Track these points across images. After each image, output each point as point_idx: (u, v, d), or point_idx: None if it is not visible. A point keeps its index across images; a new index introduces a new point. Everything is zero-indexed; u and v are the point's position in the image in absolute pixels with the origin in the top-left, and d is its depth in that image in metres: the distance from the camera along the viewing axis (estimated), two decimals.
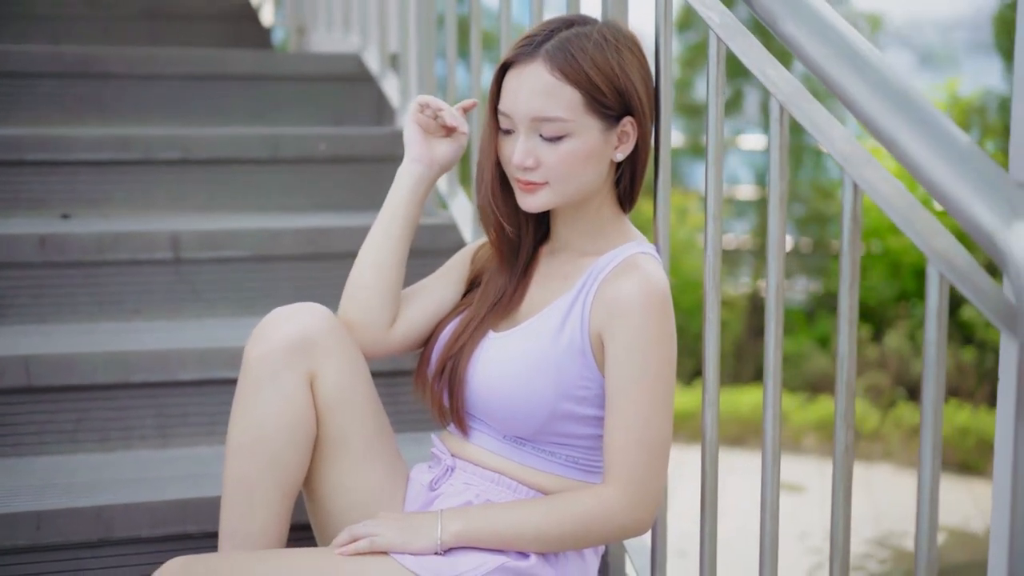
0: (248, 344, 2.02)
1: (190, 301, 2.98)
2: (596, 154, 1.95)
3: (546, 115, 1.91)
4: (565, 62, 1.91)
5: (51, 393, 2.59)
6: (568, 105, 1.91)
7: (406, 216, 2.10)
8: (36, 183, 3.23)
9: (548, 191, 1.96)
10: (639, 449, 1.91)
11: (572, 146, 1.92)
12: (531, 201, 1.97)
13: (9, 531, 2.23)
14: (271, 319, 2.04)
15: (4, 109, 3.53)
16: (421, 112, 2.09)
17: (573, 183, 1.95)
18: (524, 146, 1.94)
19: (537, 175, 1.94)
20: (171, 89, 3.69)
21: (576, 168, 1.94)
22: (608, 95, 1.92)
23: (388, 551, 1.92)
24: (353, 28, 4.08)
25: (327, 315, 2.05)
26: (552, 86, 1.91)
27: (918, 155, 1.54)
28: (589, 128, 1.92)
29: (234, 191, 3.38)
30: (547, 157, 1.93)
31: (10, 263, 2.86)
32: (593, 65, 1.91)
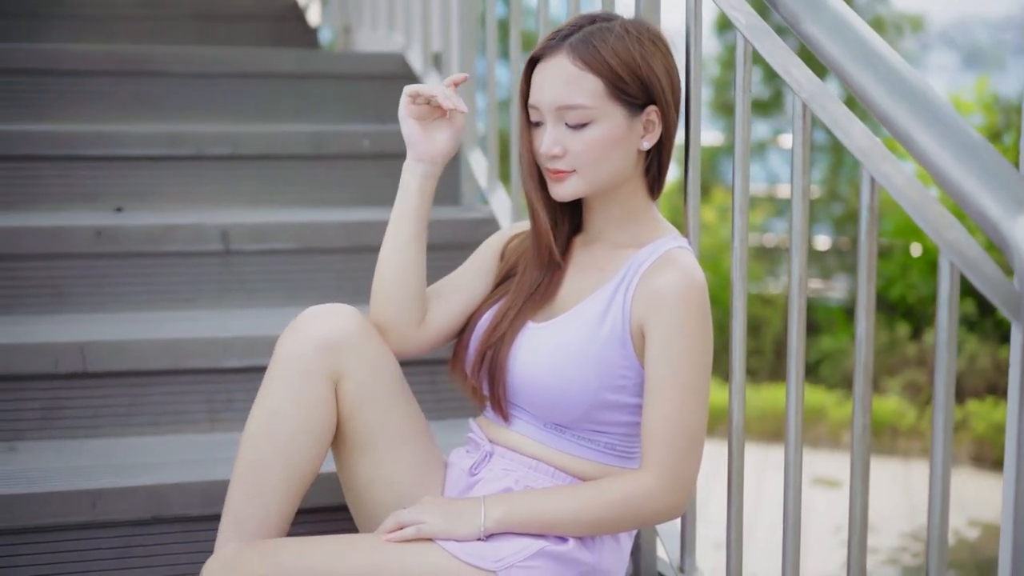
0: (280, 338, 2.09)
1: (237, 291, 3.08)
2: (621, 141, 2.02)
3: (569, 103, 1.99)
4: (587, 52, 1.99)
5: (105, 378, 2.69)
6: (590, 92, 1.98)
7: (419, 216, 2.14)
8: (91, 177, 3.33)
9: (576, 179, 2.03)
10: (675, 436, 1.97)
11: (596, 133, 2.00)
12: (561, 189, 2.04)
13: (66, 508, 2.32)
14: (303, 318, 2.09)
15: (61, 106, 3.63)
16: (413, 103, 2.12)
17: (600, 170, 2.02)
18: (551, 135, 2.01)
19: (564, 163, 2.01)
20: (219, 87, 3.78)
21: (601, 154, 2.01)
22: (630, 83, 1.99)
23: (433, 538, 1.99)
24: (397, 27, 4.17)
25: (356, 317, 2.10)
26: (574, 75, 1.99)
27: (930, 149, 1.62)
28: (612, 115, 2.00)
29: (280, 186, 3.47)
30: (573, 145, 2.00)
31: (68, 254, 2.96)
32: (614, 54, 1.98)
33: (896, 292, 8.29)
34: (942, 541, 1.70)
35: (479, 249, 2.25)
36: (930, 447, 1.71)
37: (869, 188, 1.81)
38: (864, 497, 1.88)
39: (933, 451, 1.71)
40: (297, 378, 2.04)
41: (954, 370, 1.69)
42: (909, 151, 1.65)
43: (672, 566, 2.40)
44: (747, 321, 2.17)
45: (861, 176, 1.82)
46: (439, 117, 2.14)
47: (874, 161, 1.79)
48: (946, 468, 1.71)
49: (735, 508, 2.19)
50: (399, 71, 3.92)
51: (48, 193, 3.30)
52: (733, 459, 2.18)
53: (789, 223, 2.00)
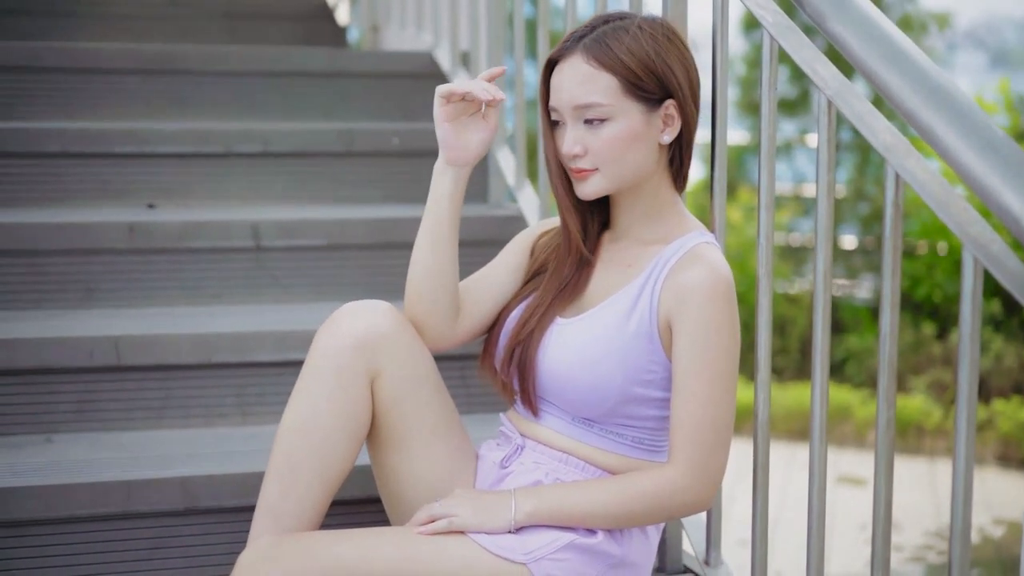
0: (317, 335, 2.11)
1: (268, 286, 3.11)
2: (640, 136, 2.04)
3: (585, 101, 2.01)
4: (600, 51, 2.01)
5: (138, 372, 2.73)
6: (605, 90, 2.01)
7: (451, 215, 2.16)
8: (122, 174, 3.37)
9: (599, 177, 2.05)
10: (703, 429, 2.00)
11: (614, 129, 2.02)
12: (584, 188, 2.07)
13: (101, 499, 2.36)
14: (340, 314, 2.12)
15: (92, 104, 3.68)
16: (448, 103, 2.12)
17: (622, 166, 2.04)
18: (571, 135, 2.04)
19: (586, 162, 2.04)
20: (249, 85, 3.82)
21: (621, 151, 2.03)
22: (645, 79, 2.02)
23: (465, 530, 2.01)
24: (425, 27, 4.20)
25: (393, 314, 2.12)
26: (589, 74, 2.01)
27: (953, 146, 1.64)
28: (629, 111, 2.02)
29: (310, 183, 3.50)
30: (592, 143, 2.03)
31: (101, 249, 3.00)
32: (628, 52, 2.01)
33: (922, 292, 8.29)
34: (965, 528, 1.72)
35: (509, 245, 2.27)
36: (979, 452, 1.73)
37: (894, 184, 1.83)
38: (888, 491, 1.90)
39: (956, 441, 1.73)
40: (334, 375, 2.06)
41: (977, 364, 1.70)
42: (933, 148, 1.68)
43: (698, 559, 2.43)
44: (773, 320, 2.19)
45: (886, 172, 1.84)
46: (473, 114, 2.14)
47: (899, 157, 1.81)
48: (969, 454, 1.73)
49: (760, 500, 2.21)
50: (427, 70, 3.96)
51: (80, 190, 3.34)
52: (759, 451, 2.21)
53: (815, 221, 2.02)
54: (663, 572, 2.48)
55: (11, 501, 2.32)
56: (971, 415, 1.71)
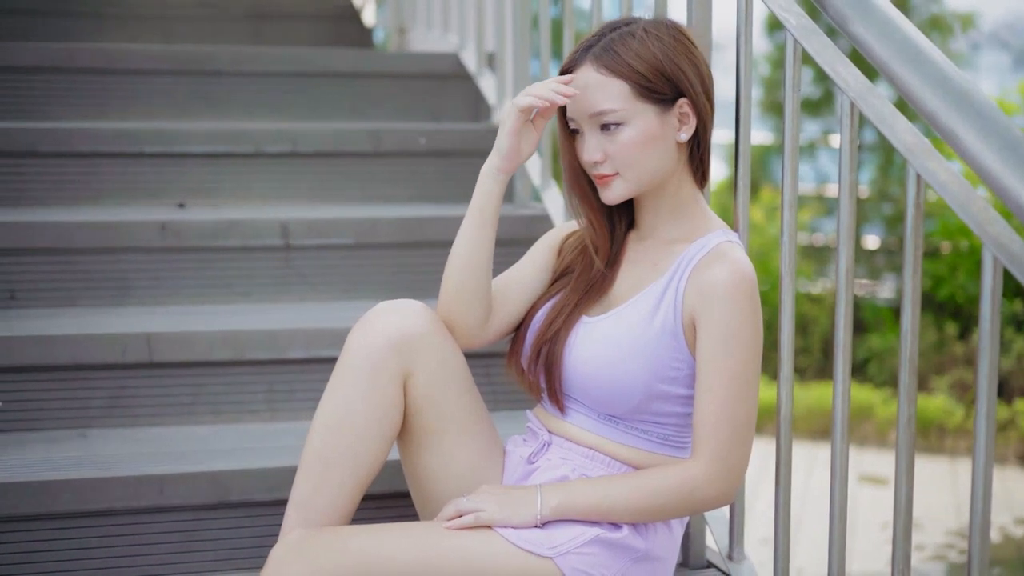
0: (351, 333, 2.14)
1: (296, 285, 3.16)
2: (656, 137, 2.08)
3: (599, 109, 2.05)
4: (609, 59, 2.05)
5: (170, 368, 2.77)
6: (617, 96, 2.05)
7: (494, 218, 2.19)
8: (153, 173, 3.42)
9: (621, 181, 2.09)
10: (725, 425, 2.03)
11: (630, 133, 2.06)
12: (608, 193, 2.11)
13: (135, 493, 2.41)
14: (375, 313, 2.15)
15: (123, 104, 3.73)
16: (523, 114, 2.13)
17: (642, 168, 2.08)
18: (590, 143, 2.08)
19: (607, 167, 2.08)
20: (278, 86, 3.87)
21: (639, 153, 2.07)
22: (655, 80, 2.05)
23: (491, 525, 2.05)
24: (452, 28, 4.24)
25: (426, 314, 2.16)
26: (600, 82, 2.05)
27: (974, 147, 1.67)
28: (643, 113, 2.06)
29: (338, 182, 3.54)
30: (611, 148, 2.07)
31: (134, 248, 3.05)
32: (636, 56, 2.05)
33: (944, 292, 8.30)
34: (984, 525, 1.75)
35: (537, 245, 2.31)
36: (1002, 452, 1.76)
37: (915, 185, 1.86)
38: (909, 486, 1.94)
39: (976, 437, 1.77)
40: (367, 374, 2.09)
41: (996, 362, 1.74)
42: (954, 149, 1.71)
43: (721, 554, 2.46)
44: (795, 319, 2.22)
45: (907, 173, 1.87)
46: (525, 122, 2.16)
47: (920, 158, 1.84)
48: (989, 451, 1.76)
49: (783, 494, 2.24)
50: (453, 71, 4.00)
51: (112, 189, 3.39)
52: (781, 447, 2.24)
53: (837, 221, 2.05)
54: (687, 567, 2.50)
55: (47, 494, 2.37)
56: (991, 412, 1.74)
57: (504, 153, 2.16)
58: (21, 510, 2.36)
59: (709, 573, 2.49)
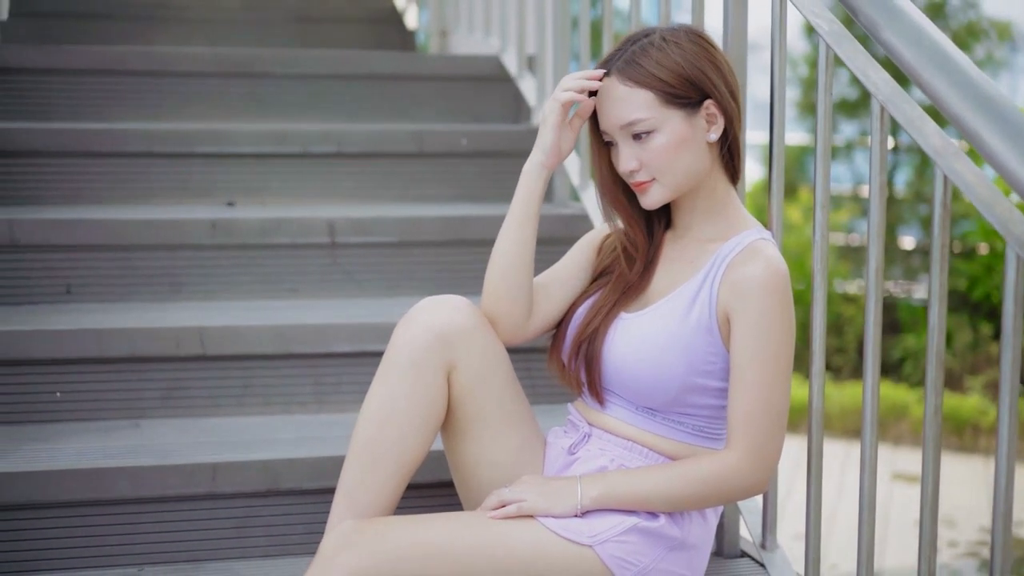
0: (397, 326, 2.22)
1: (342, 281, 3.24)
2: (687, 140, 2.15)
3: (628, 119, 2.13)
4: (632, 71, 2.13)
5: (222, 361, 2.86)
6: (644, 105, 2.12)
7: (536, 215, 2.27)
8: (203, 173, 3.51)
9: (658, 186, 2.16)
10: (759, 416, 2.10)
11: (661, 139, 2.13)
12: (647, 199, 2.18)
13: (189, 480, 2.50)
14: (420, 308, 2.23)
15: (173, 105, 3.83)
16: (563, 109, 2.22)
17: (676, 171, 2.15)
18: (624, 153, 2.16)
19: (643, 174, 2.15)
20: (323, 88, 3.95)
21: (672, 157, 2.14)
22: (678, 86, 2.13)
23: (533, 515, 2.12)
24: (493, 31, 4.31)
25: (470, 309, 2.23)
26: (626, 94, 2.13)
27: (997, 149, 1.74)
28: (671, 119, 2.13)
29: (382, 182, 3.62)
30: (644, 155, 2.14)
31: (185, 245, 3.14)
32: (657, 65, 2.12)
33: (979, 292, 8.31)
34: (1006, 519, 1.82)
35: (577, 245, 2.38)
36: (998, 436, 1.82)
37: (942, 186, 1.93)
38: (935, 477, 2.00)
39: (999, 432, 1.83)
40: (412, 367, 2.17)
41: (1019, 357, 1.80)
42: (979, 151, 1.78)
43: (754, 543, 2.53)
44: (830, 319, 2.29)
45: (935, 174, 1.94)
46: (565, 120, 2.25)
47: (947, 160, 1.91)
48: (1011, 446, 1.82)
49: (814, 485, 2.31)
50: (495, 73, 4.08)
51: (164, 188, 3.49)
52: (813, 439, 2.31)
53: (867, 222, 2.11)
54: (721, 556, 2.57)
55: (104, 481, 2.46)
56: (1013, 407, 1.81)
57: (547, 149, 2.24)
58: (78, 496, 2.45)
59: (743, 562, 2.56)
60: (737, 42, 2.50)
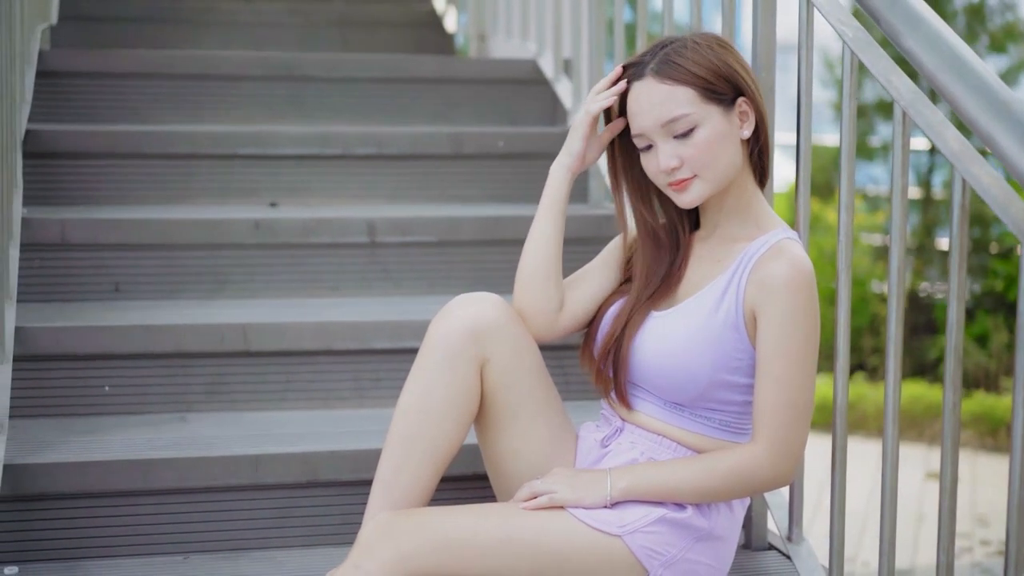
0: (432, 322, 2.30)
1: (381, 280, 3.31)
2: (726, 136, 2.21)
3: (671, 116, 2.19)
4: (670, 69, 2.19)
5: (265, 356, 2.94)
6: (686, 101, 2.18)
7: (563, 212, 2.37)
8: (247, 174, 3.59)
9: (699, 182, 2.22)
10: (783, 410, 2.16)
11: (704, 134, 2.19)
12: (686, 197, 2.23)
13: (232, 471, 2.58)
14: (454, 304, 2.31)
15: (218, 108, 3.92)
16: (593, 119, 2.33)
17: (717, 167, 2.21)
18: (664, 151, 2.21)
19: (685, 171, 2.21)
20: (364, 91, 4.02)
21: (714, 153, 2.20)
22: (716, 82, 2.19)
23: (564, 506, 2.19)
24: (530, 36, 4.37)
25: (502, 306, 2.31)
26: (667, 92, 2.19)
27: (1010, 151, 1.80)
28: (711, 114, 2.19)
29: (420, 183, 3.69)
30: (687, 152, 2.19)
31: (229, 244, 3.22)
32: (694, 63, 2.19)
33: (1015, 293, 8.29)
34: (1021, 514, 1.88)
35: (609, 245, 2.45)
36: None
37: (960, 188, 1.99)
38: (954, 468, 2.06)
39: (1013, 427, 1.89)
40: (446, 361, 2.25)
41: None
42: (992, 151, 1.84)
43: (781, 536, 2.59)
44: (867, 320, 2.35)
45: (953, 176, 2.00)
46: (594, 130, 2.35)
47: (964, 163, 1.97)
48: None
49: (839, 478, 2.37)
50: (531, 76, 4.14)
51: (208, 189, 3.57)
52: (837, 432, 2.37)
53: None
54: (749, 548, 2.64)
55: (151, 472, 2.54)
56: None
57: (573, 154, 2.35)
58: (126, 486, 2.54)
59: (770, 554, 2.62)
60: (766, 46, 2.55)
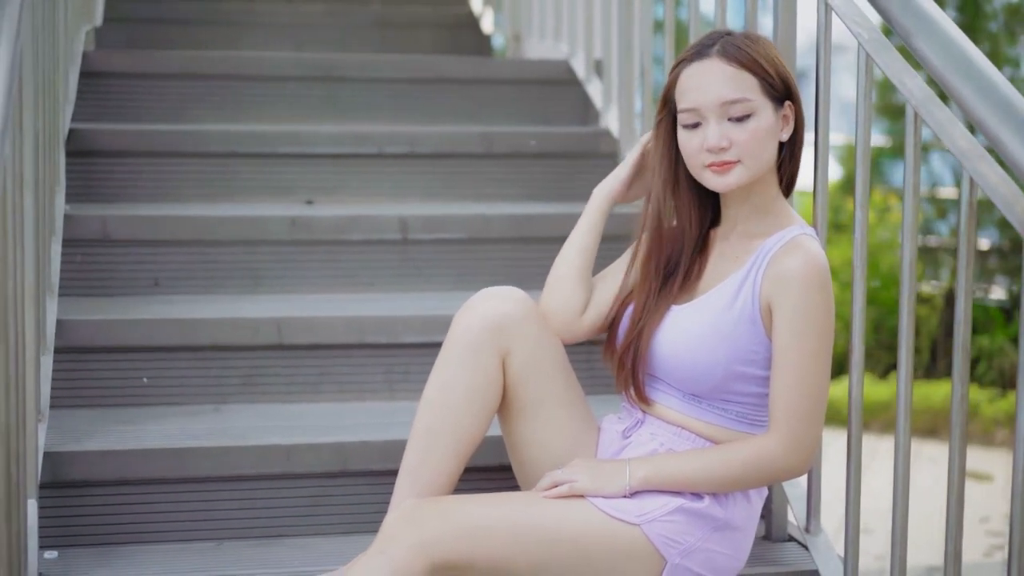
0: (455, 316, 2.37)
1: (413, 276, 3.38)
2: (773, 132, 2.28)
3: (734, 97, 2.24)
4: (739, 54, 2.25)
5: (298, 350, 3.02)
6: (749, 88, 2.25)
7: (599, 231, 2.48)
8: (284, 172, 3.66)
9: (740, 168, 2.26)
10: (799, 402, 2.21)
11: (757, 124, 2.25)
12: (725, 179, 2.27)
13: (265, 460, 2.66)
14: (477, 298, 2.39)
15: (256, 108, 4.00)
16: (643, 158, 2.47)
17: (760, 158, 2.26)
18: (714, 131, 2.25)
19: (730, 154, 2.25)
20: (399, 91, 4.09)
21: (762, 144, 2.26)
22: (775, 79, 2.26)
23: (584, 495, 2.25)
24: (563, 36, 4.42)
25: (524, 300, 2.38)
26: (734, 74, 2.25)
27: (1015, 151, 1.84)
28: (766, 108, 2.26)
29: (452, 181, 3.76)
30: (738, 136, 2.24)
31: (265, 240, 3.30)
32: (761, 56, 2.26)
33: None
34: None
35: (633, 245, 2.50)
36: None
37: (968, 186, 2.04)
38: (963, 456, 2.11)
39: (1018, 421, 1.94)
40: (468, 353, 2.32)
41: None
42: (997, 150, 1.88)
43: (799, 528, 2.65)
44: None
45: (962, 175, 2.05)
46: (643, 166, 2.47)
47: (972, 162, 2.02)
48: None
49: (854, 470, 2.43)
50: (564, 77, 4.20)
51: (245, 187, 3.64)
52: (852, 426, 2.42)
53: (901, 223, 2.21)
54: (770, 540, 2.69)
55: (187, 460, 2.63)
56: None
57: (623, 181, 2.47)
58: (161, 474, 2.63)
59: (790, 545, 2.67)
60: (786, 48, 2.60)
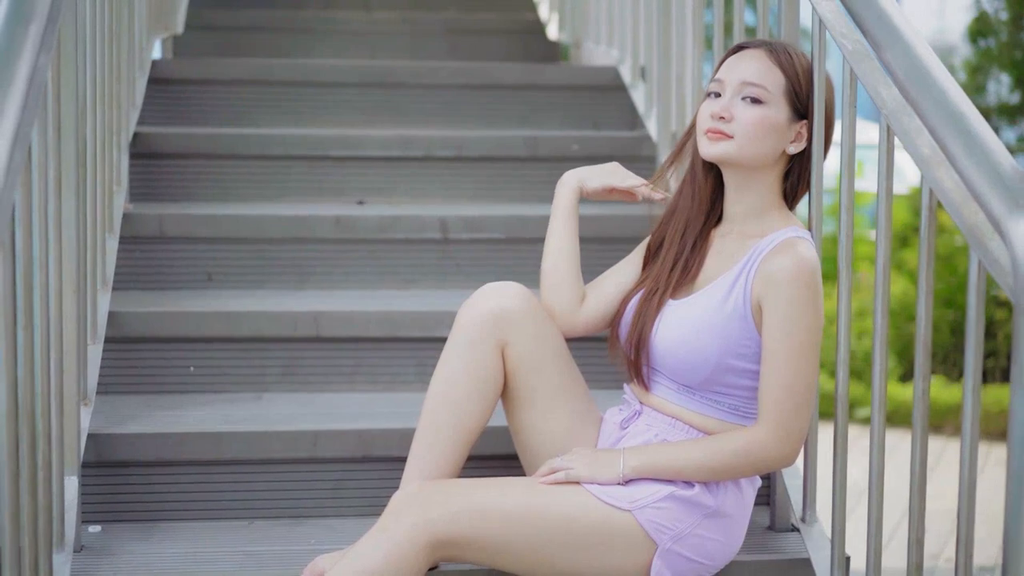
0: (458, 312, 2.52)
1: (453, 274, 3.52)
2: (777, 133, 2.41)
3: (755, 81, 2.40)
4: (781, 55, 2.42)
5: (334, 343, 3.18)
6: (773, 81, 2.40)
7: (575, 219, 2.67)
8: (336, 174, 3.84)
9: (730, 144, 2.40)
10: (786, 395, 2.33)
11: (764, 112, 2.39)
12: (711, 149, 2.42)
13: (293, 445, 2.82)
14: (478, 294, 2.53)
15: (312, 113, 4.17)
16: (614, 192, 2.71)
17: (751, 145, 2.39)
18: (726, 101, 2.41)
19: (728, 128, 2.39)
20: (450, 97, 4.25)
21: (760, 132, 2.39)
22: (802, 91, 2.41)
23: (580, 482, 2.39)
24: (614, 43, 4.52)
25: (524, 294, 2.52)
26: (767, 66, 2.41)
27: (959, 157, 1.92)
28: (780, 108, 2.40)
29: (497, 184, 3.89)
30: (742, 114, 2.39)
31: (312, 239, 3.47)
32: (800, 66, 2.43)
33: None
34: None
35: (638, 247, 2.65)
36: None
37: (928, 192, 2.13)
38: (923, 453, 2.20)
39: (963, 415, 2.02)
40: (469, 345, 2.47)
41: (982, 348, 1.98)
42: (946, 156, 1.96)
43: (795, 517, 2.74)
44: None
45: (922, 182, 2.14)
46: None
47: (931, 169, 2.11)
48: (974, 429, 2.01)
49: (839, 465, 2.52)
50: (613, 82, 4.32)
51: (299, 188, 3.82)
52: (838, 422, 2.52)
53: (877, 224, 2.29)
54: (773, 529, 2.78)
55: (223, 443, 2.81)
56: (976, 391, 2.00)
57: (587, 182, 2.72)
58: (199, 456, 2.81)
59: (792, 535, 2.76)
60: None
